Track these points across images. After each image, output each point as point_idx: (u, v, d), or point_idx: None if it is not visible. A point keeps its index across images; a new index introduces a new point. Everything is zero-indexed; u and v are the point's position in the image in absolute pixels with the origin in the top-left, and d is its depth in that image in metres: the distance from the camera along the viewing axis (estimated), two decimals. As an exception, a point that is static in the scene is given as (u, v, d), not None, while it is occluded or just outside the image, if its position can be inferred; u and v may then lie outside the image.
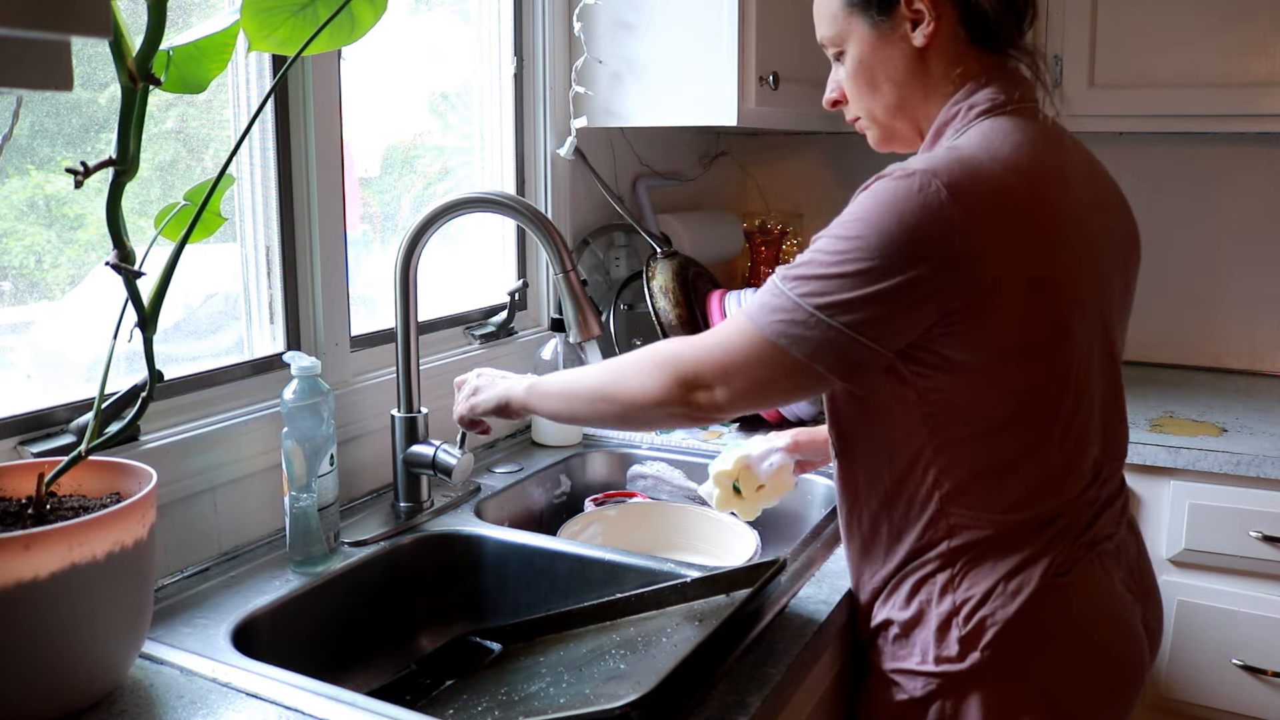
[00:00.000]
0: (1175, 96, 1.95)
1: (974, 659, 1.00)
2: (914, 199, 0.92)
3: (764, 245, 2.51)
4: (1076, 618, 1.03)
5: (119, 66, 0.77)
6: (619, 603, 1.13)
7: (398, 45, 1.58)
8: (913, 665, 1.04)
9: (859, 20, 1.06)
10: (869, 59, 1.07)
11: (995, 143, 0.99)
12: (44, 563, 0.78)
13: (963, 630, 1.01)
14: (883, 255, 0.92)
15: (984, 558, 1.02)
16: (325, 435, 1.17)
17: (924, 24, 1.03)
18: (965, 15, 1.03)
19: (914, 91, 1.07)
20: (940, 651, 1.02)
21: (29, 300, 1.12)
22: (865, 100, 1.10)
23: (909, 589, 1.05)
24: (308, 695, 0.90)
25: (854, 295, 0.93)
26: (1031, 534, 1.02)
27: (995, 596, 1.01)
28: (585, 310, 1.27)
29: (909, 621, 1.05)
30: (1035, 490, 1.02)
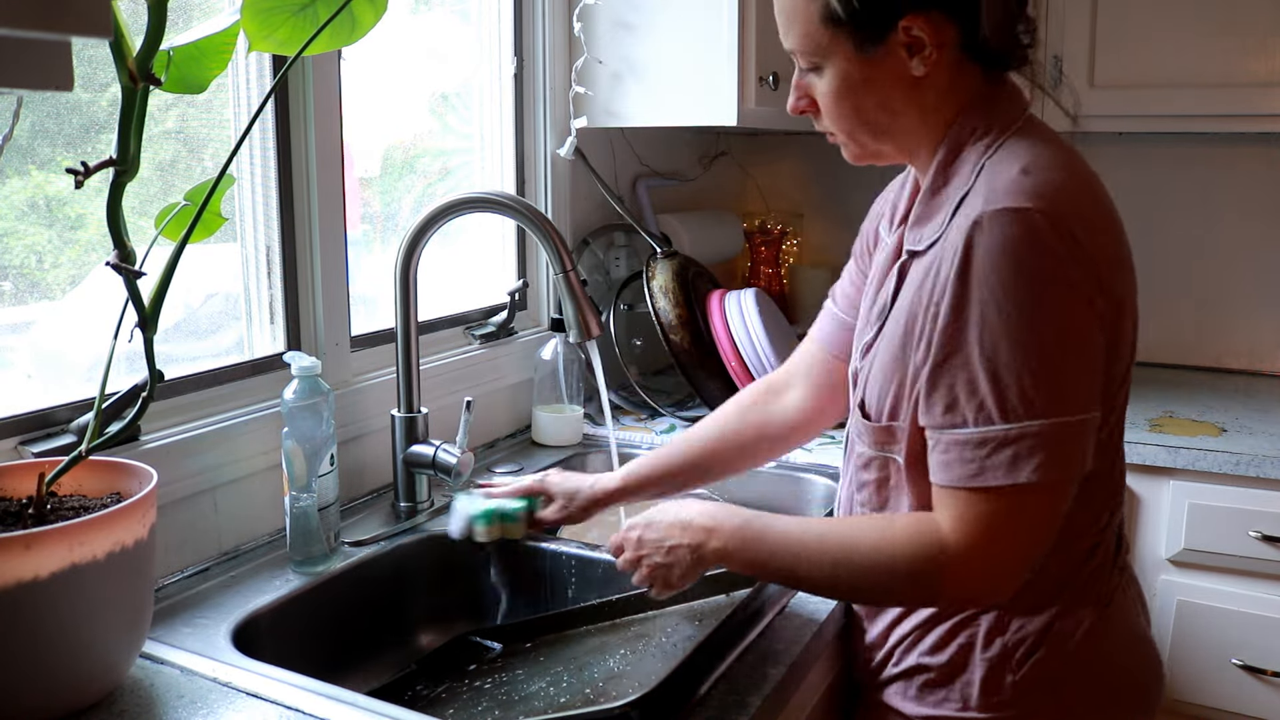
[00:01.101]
0: (1175, 96, 1.95)
1: (1031, 703, 0.96)
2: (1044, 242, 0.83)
3: (764, 245, 2.51)
4: (1121, 649, 1.01)
5: (119, 67, 0.77)
6: (619, 603, 1.13)
7: (398, 45, 1.58)
8: (949, 712, 0.99)
9: (842, 41, 0.93)
10: (855, 84, 0.95)
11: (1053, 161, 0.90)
12: (44, 562, 0.78)
13: (1016, 675, 0.96)
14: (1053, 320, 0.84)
15: (1033, 597, 0.96)
16: (325, 435, 1.17)
17: (924, 53, 0.92)
18: (968, 40, 0.93)
19: (907, 119, 0.96)
20: (989, 698, 0.97)
21: (30, 300, 1.12)
22: (845, 121, 0.98)
23: (944, 633, 0.99)
24: (308, 695, 0.90)
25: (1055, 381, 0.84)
26: (1076, 568, 0.97)
27: (1051, 637, 0.96)
28: (585, 310, 1.27)
29: (947, 667, 0.99)
30: (1084, 520, 0.96)
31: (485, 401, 1.65)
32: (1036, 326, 0.83)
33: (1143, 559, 1.75)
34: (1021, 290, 0.83)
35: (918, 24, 0.90)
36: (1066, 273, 0.84)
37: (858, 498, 1.04)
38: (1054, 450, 0.83)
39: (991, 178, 0.89)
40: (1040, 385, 0.83)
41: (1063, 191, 0.87)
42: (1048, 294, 0.84)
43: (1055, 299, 0.84)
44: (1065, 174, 0.89)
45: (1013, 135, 0.94)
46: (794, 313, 2.49)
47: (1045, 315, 0.84)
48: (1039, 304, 0.83)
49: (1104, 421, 0.93)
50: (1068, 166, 0.91)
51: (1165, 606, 1.73)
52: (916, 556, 0.88)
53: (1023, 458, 0.83)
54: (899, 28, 0.91)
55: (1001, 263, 0.83)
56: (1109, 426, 0.95)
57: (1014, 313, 0.83)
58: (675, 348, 1.78)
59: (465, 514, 1.21)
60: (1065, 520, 0.90)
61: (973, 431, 0.85)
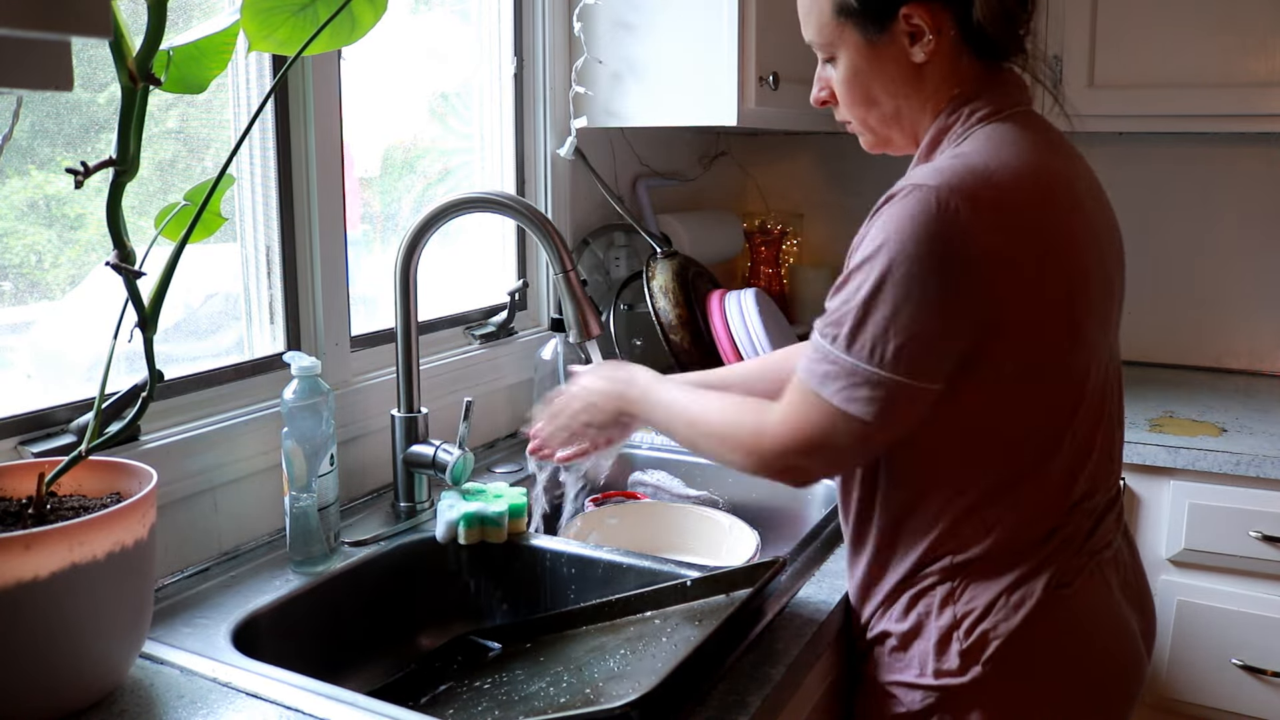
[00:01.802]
0: (1175, 96, 1.95)
1: (975, 673, 1.00)
2: (936, 221, 0.91)
3: (764, 245, 2.51)
4: (1078, 629, 1.03)
5: (119, 67, 0.77)
6: (619, 603, 1.13)
7: (398, 45, 1.58)
8: (910, 678, 1.03)
9: (852, 31, 1.03)
10: (863, 71, 1.04)
11: (1001, 150, 0.97)
12: (44, 562, 0.78)
13: (963, 644, 1.00)
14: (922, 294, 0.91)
15: (985, 571, 1.01)
16: (325, 435, 1.17)
17: (923, 40, 1.00)
18: (965, 29, 1.00)
19: (911, 104, 1.05)
20: (940, 665, 1.01)
21: (29, 300, 1.12)
22: (858, 109, 1.08)
23: (907, 601, 1.04)
24: (308, 695, 0.90)
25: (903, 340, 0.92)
26: (1035, 546, 1.01)
27: (997, 610, 1.00)
28: (585, 310, 1.27)
29: (907, 634, 1.04)
30: (1042, 503, 1.01)
31: (485, 401, 1.65)
32: (898, 295, 0.92)
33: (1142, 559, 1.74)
34: (904, 255, 0.91)
35: (918, 12, 0.99)
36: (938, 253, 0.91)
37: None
38: (884, 400, 0.93)
39: (934, 161, 0.99)
40: (887, 343, 0.92)
41: (978, 174, 0.94)
42: (917, 269, 0.91)
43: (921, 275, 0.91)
44: (999, 163, 0.95)
45: (990, 123, 1.01)
46: (794, 313, 2.49)
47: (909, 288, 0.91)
48: (908, 277, 0.91)
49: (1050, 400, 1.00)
50: (1010, 157, 0.96)
51: (1165, 606, 1.73)
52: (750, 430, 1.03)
53: (856, 389, 0.94)
54: (900, 16, 1.00)
55: (899, 221, 0.92)
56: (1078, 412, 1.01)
57: (888, 278, 0.92)
58: (675, 348, 1.78)
59: (448, 517, 1.22)
60: (1022, 501, 1.00)
61: (829, 348, 0.96)
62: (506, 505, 1.25)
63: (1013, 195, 0.95)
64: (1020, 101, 1.04)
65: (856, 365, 0.93)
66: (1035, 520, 1.01)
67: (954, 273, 0.92)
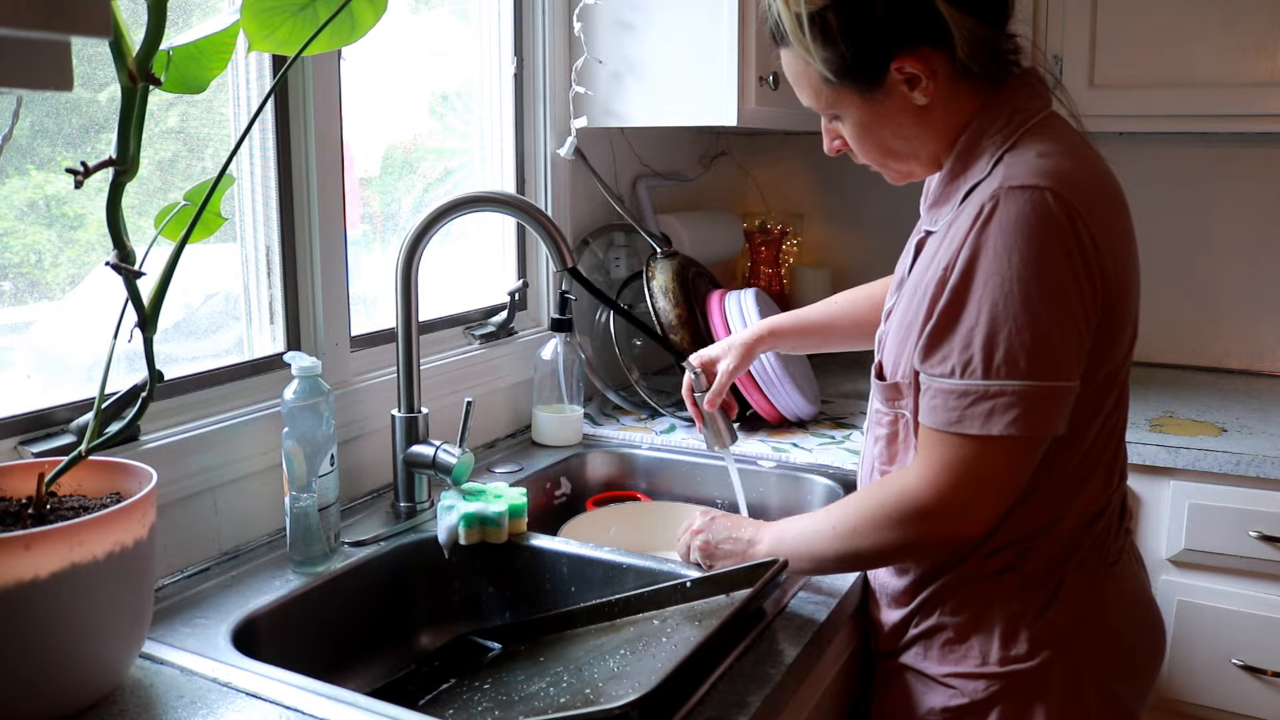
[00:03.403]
0: (1175, 96, 1.95)
1: (1043, 656, 1.02)
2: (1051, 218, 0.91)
3: (764, 245, 2.51)
4: (1127, 605, 1.09)
5: (119, 66, 0.77)
6: (619, 603, 1.13)
7: (398, 45, 1.58)
8: (968, 668, 1.05)
9: (849, 93, 1.02)
10: (871, 126, 1.05)
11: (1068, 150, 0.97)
12: (44, 563, 0.78)
13: (1033, 629, 1.03)
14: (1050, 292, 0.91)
15: (1048, 556, 1.04)
16: (326, 435, 1.17)
17: (921, 85, 1.00)
18: (955, 62, 1.00)
19: (924, 141, 1.05)
20: (1006, 652, 1.03)
21: (29, 300, 1.12)
22: (876, 156, 1.09)
23: (966, 593, 1.06)
24: (308, 695, 0.90)
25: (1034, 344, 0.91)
26: (1086, 529, 1.05)
27: (1064, 593, 1.03)
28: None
29: (966, 625, 1.05)
30: (1097, 488, 1.05)
31: (485, 401, 1.65)
32: (1033, 297, 0.91)
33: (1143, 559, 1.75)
34: (1028, 263, 0.91)
35: (909, 62, 0.98)
36: (1068, 251, 0.92)
37: (874, 451, 1.13)
38: (1029, 410, 0.92)
39: (1010, 165, 0.97)
40: (1027, 350, 0.91)
41: (1073, 177, 0.94)
42: (1049, 268, 0.91)
43: (1055, 273, 0.91)
44: (1076, 162, 0.97)
45: (1030, 131, 1.01)
46: (794, 313, 2.48)
47: (1044, 287, 0.91)
48: (1040, 276, 0.91)
49: (1111, 394, 1.03)
50: (1080, 157, 0.99)
51: (1165, 606, 1.73)
52: (896, 499, 0.99)
53: (999, 412, 0.92)
54: (891, 69, 0.99)
55: (1012, 235, 0.91)
56: (1115, 399, 1.04)
57: (1016, 282, 0.91)
58: (675, 348, 1.78)
59: (448, 517, 1.22)
60: (1084, 490, 1.03)
61: (958, 383, 0.94)
62: (506, 505, 1.25)
63: (1099, 190, 0.97)
64: (1044, 104, 1.04)
65: (994, 385, 0.92)
66: (1090, 504, 1.05)
67: (1080, 269, 0.92)
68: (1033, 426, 0.92)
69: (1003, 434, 0.92)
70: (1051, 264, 0.91)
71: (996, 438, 0.93)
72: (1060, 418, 0.95)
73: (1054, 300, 0.91)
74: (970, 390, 0.93)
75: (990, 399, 0.92)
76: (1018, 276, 0.91)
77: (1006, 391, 0.91)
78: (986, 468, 0.95)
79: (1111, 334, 0.99)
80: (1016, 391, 0.91)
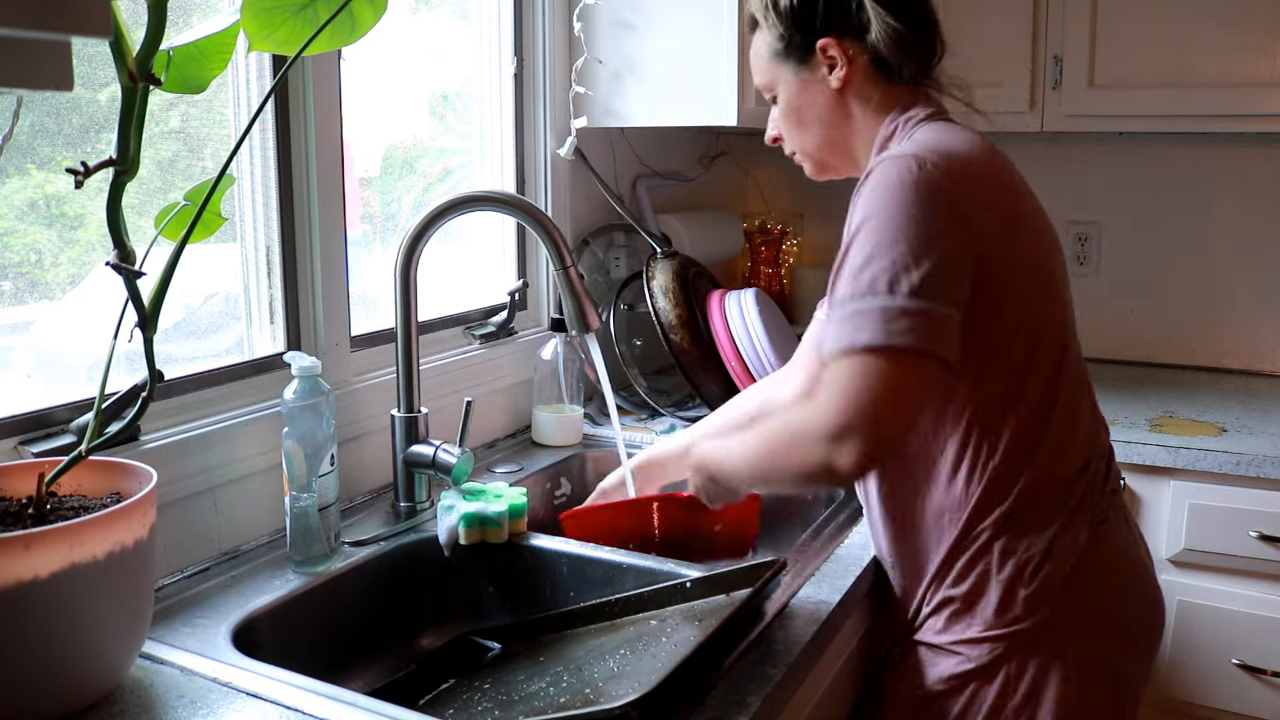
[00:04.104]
0: (1175, 96, 1.95)
1: (1041, 614, 1.07)
2: (918, 174, 1.00)
3: (764, 245, 2.51)
4: (1117, 562, 1.13)
5: (119, 66, 0.77)
6: (619, 603, 1.13)
7: (398, 45, 1.58)
8: (974, 634, 1.09)
9: (784, 68, 1.18)
10: (795, 101, 1.19)
11: (952, 137, 1.08)
12: (44, 562, 0.78)
13: (1029, 589, 1.07)
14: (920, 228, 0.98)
15: (1035, 517, 1.08)
16: (326, 435, 1.17)
17: (838, 68, 1.14)
18: (874, 58, 1.14)
19: (839, 128, 1.18)
20: (1007, 614, 1.08)
21: (29, 300, 1.12)
22: (797, 137, 1.22)
23: (964, 564, 1.10)
24: (308, 695, 0.90)
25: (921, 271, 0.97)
26: (1069, 486, 1.09)
27: (1055, 552, 1.08)
28: (584, 304, 1.27)
29: (969, 594, 1.10)
30: (1064, 438, 1.09)
31: (485, 401, 1.65)
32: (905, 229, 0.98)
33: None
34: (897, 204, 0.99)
35: (831, 45, 1.14)
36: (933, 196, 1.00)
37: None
38: (922, 326, 0.96)
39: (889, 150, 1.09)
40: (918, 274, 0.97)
41: (945, 151, 1.04)
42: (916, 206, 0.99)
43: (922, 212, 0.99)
44: (954, 145, 1.06)
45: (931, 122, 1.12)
46: (794, 313, 2.49)
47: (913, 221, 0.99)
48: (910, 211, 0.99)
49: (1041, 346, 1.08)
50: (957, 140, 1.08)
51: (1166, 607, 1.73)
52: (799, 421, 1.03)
53: (894, 323, 0.96)
54: (818, 49, 1.15)
55: (883, 188, 1.01)
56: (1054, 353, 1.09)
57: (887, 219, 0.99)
58: (675, 348, 1.78)
59: (448, 517, 1.22)
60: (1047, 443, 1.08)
61: (853, 303, 0.99)
62: (506, 505, 1.25)
63: (975, 169, 1.05)
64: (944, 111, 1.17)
65: (887, 304, 0.97)
66: (1065, 457, 1.09)
67: (946, 214, 1.00)
68: (928, 341, 0.96)
69: (902, 344, 0.95)
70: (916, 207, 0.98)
71: (892, 351, 0.96)
72: (945, 341, 0.98)
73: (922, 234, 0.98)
74: (863, 309, 0.98)
75: (883, 315, 0.97)
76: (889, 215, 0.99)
77: (902, 308, 0.96)
78: (890, 382, 0.96)
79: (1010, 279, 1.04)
80: (910, 310, 0.96)
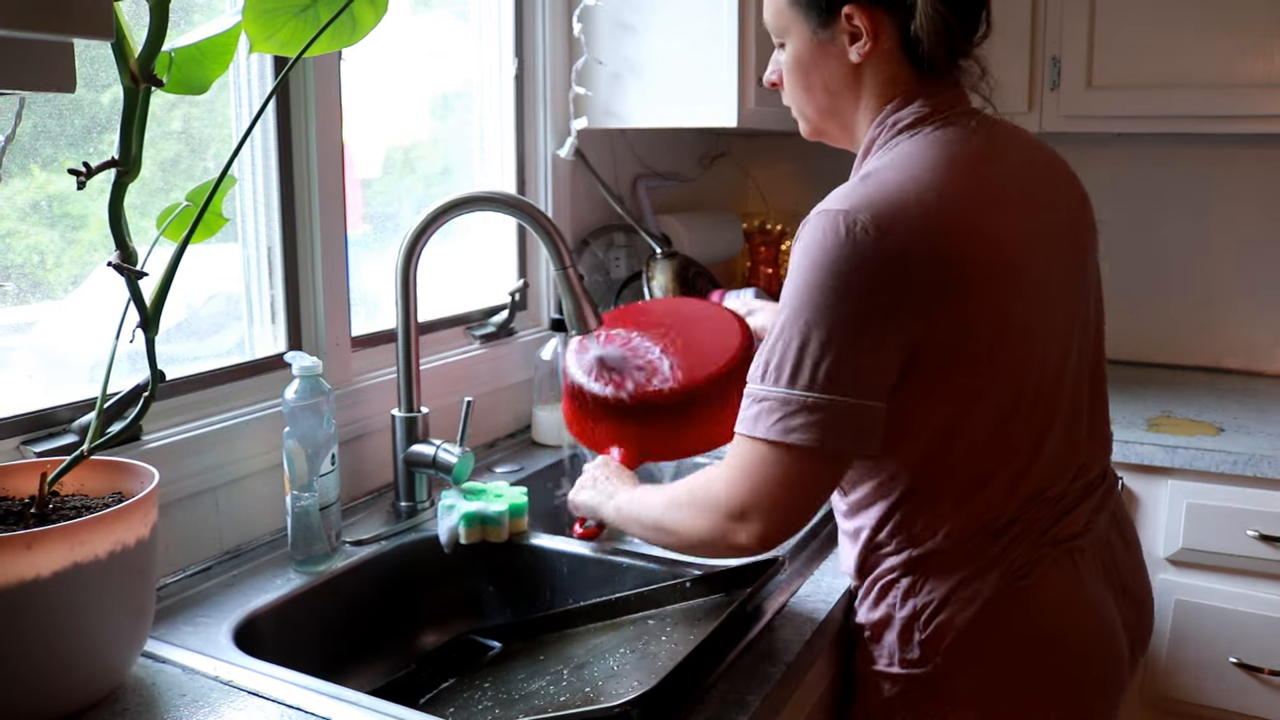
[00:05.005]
0: (1174, 97, 1.95)
1: (935, 663, 1.02)
2: (844, 245, 0.92)
3: (764, 245, 2.51)
4: (1037, 618, 1.03)
5: (121, 68, 0.78)
6: (619, 602, 1.13)
7: (398, 46, 1.58)
8: (882, 667, 1.06)
9: (801, 21, 1.07)
10: (805, 62, 1.09)
11: (912, 163, 0.98)
12: (46, 562, 0.78)
13: (923, 634, 1.03)
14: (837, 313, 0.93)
15: (942, 565, 1.02)
16: (326, 435, 1.18)
17: (861, 42, 1.03)
18: (904, 39, 1.03)
19: (846, 101, 1.08)
20: (904, 655, 1.04)
21: (32, 300, 1.13)
22: (798, 98, 1.12)
23: (878, 592, 1.06)
24: (309, 694, 0.90)
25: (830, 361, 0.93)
26: (988, 540, 1.02)
27: (952, 602, 1.02)
28: (584, 305, 1.28)
29: (878, 623, 1.06)
30: (989, 500, 1.02)
31: (485, 401, 1.65)
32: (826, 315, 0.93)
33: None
34: (818, 283, 0.93)
35: (858, 14, 1.03)
36: (861, 271, 0.93)
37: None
38: (823, 422, 0.93)
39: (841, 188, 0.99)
40: (828, 366, 0.93)
41: (887, 198, 0.94)
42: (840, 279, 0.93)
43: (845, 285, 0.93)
44: (908, 180, 0.96)
45: (910, 134, 1.03)
46: (794, 313, 2.48)
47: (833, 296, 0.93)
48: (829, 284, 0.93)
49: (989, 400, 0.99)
50: (922, 167, 0.97)
51: (1164, 606, 1.73)
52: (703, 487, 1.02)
53: (793, 419, 0.93)
54: (842, 15, 1.03)
55: (804, 256, 0.95)
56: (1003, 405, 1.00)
57: (809, 299, 0.94)
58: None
59: (449, 517, 1.23)
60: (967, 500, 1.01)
61: (758, 388, 0.96)
62: (507, 505, 1.25)
63: (920, 207, 0.94)
64: (952, 105, 1.04)
65: (789, 394, 0.94)
66: (985, 516, 1.01)
67: (869, 290, 0.93)
68: (826, 439, 0.93)
69: (796, 443, 0.93)
70: (839, 278, 0.92)
71: (789, 446, 0.94)
72: (862, 436, 0.95)
73: (838, 320, 0.93)
74: (768, 396, 0.95)
75: (784, 406, 0.94)
76: (806, 289, 0.94)
77: (802, 403, 0.93)
78: (782, 475, 0.95)
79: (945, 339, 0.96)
80: (811, 405, 0.93)
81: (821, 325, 0.93)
